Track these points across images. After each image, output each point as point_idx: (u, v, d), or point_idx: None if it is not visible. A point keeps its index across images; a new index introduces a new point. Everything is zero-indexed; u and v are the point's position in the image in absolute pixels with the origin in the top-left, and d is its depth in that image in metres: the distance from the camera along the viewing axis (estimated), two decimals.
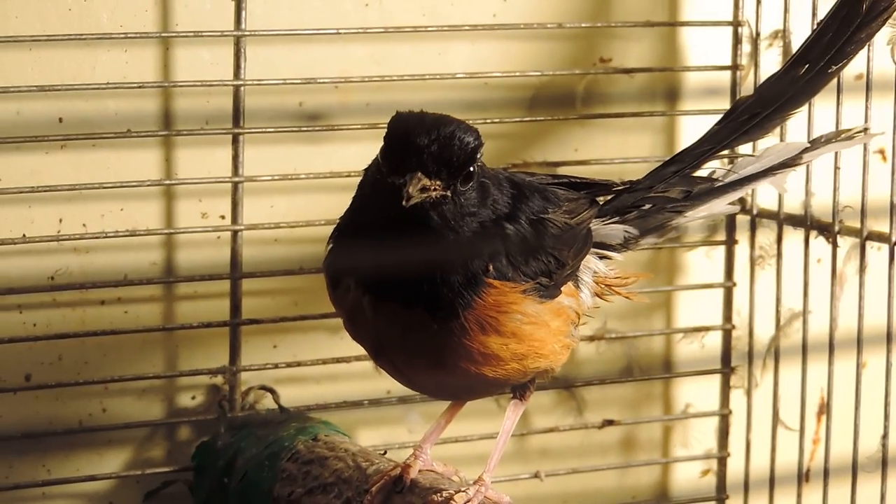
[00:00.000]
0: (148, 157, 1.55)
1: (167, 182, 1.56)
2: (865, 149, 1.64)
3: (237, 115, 1.54)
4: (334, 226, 1.31)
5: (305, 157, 1.59)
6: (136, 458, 1.54)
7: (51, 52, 1.53)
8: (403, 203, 1.19)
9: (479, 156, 1.22)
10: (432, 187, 1.19)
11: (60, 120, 1.49)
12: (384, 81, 1.59)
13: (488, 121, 1.61)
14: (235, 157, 1.55)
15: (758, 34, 1.67)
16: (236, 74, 1.51)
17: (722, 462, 1.77)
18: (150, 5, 1.59)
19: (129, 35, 1.53)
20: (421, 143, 1.20)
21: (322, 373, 1.59)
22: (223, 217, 1.54)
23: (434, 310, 1.21)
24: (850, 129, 1.50)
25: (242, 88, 1.50)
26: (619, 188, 1.39)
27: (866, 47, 1.44)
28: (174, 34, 1.56)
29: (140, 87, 1.57)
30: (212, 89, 1.54)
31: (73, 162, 1.52)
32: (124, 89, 1.53)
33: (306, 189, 1.52)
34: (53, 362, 1.51)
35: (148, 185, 1.52)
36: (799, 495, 1.67)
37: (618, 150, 1.70)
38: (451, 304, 1.20)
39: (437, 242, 1.21)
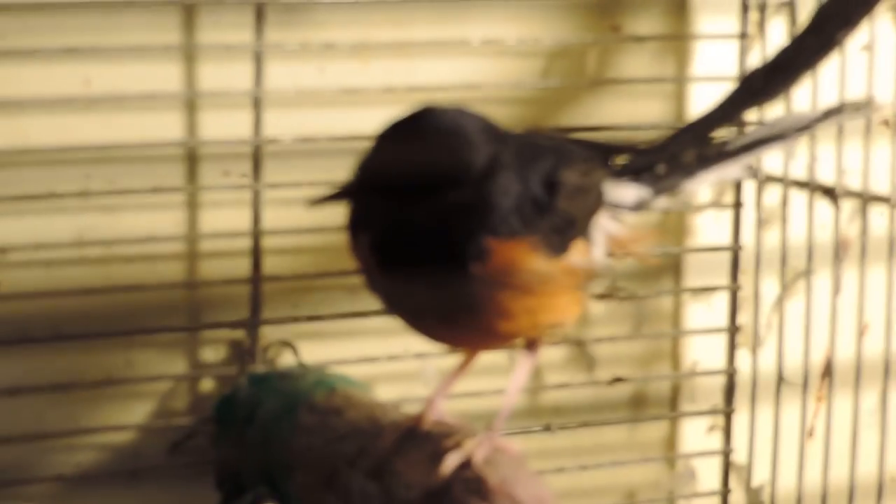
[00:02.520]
0: (172, 118, 1.50)
1: (190, 142, 1.54)
2: (869, 119, 1.60)
3: (258, 78, 1.52)
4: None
5: (325, 120, 1.55)
6: (161, 410, 1.52)
7: (77, 16, 1.47)
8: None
9: (458, 126, 1.21)
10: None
11: (88, 81, 1.47)
12: (403, 47, 1.57)
13: (503, 86, 1.62)
14: (256, 119, 1.53)
15: (765, 4, 1.65)
16: (257, 35, 1.49)
17: (727, 418, 1.74)
18: None
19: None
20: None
21: (340, 329, 1.56)
22: (244, 176, 1.54)
23: (442, 268, 1.21)
24: (856, 101, 1.50)
25: (262, 54, 1.50)
26: (635, 150, 1.39)
27: (870, 15, 1.40)
28: None
29: (159, 48, 1.52)
30: (233, 54, 1.52)
31: (98, 123, 1.49)
32: (150, 52, 1.51)
33: (326, 152, 1.50)
34: (80, 317, 1.48)
35: (172, 147, 1.53)
36: (802, 449, 1.67)
37: (628, 116, 1.66)
38: (460, 262, 1.20)
39: (440, 201, 1.20)
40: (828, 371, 1.70)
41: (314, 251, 1.54)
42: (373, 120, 1.24)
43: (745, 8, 1.64)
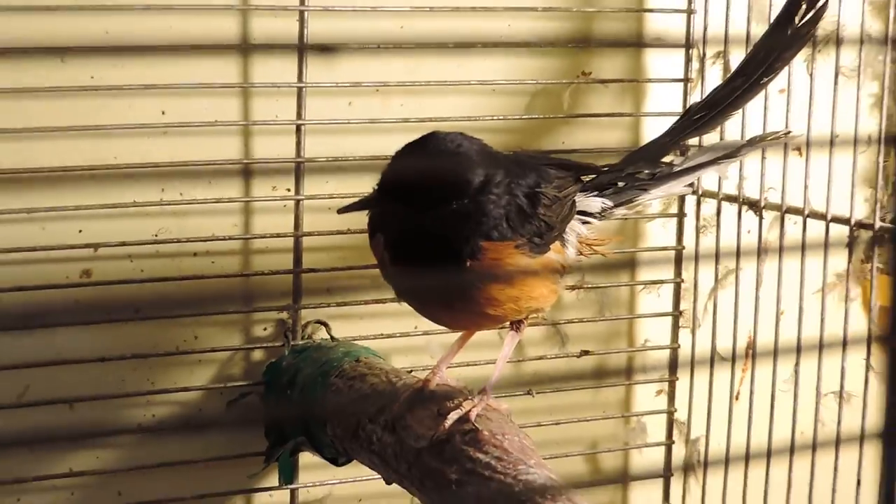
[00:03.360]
0: (230, 142, 1.51)
1: (245, 161, 1.53)
2: (786, 147, 1.61)
3: (300, 110, 1.50)
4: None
5: (353, 144, 1.55)
6: (220, 375, 1.54)
7: (154, 59, 1.46)
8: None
9: (460, 151, 1.23)
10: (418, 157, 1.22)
11: (163, 112, 1.47)
12: (415, 86, 1.58)
13: (495, 118, 1.62)
14: (298, 143, 1.51)
15: (704, 54, 1.64)
16: (300, 77, 1.48)
17: (671, 384, 1.77)
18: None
19: (211, 46, 1.49)
20: (393, 182, 1.22)
21: (364, 311, 1.57)
22: (289, 190, 1.52)
23: (442, 265, 1.22)
24: (776, 132, 1.50)
25: (304, 90, 1.48)
26: (599, 170, 1.38)
27: (788, 65, 1.42)
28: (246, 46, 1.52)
29: (222, 86, 1.51)
30: (280, 91, 1.50)
31: (171, 146, 1.49)
32: (213, 89, 1.50)
33: (354, 169, 1.48)
34: (157, 300, 1.51)
35: (230, 165, 1.52)
36: (730, 410, 1.66)
37: (595, 142, 1.66)
38: (459, 259, 1.20)
39: (447, 215, 1.21)
40: (751, 347, 1.70)
41: (343, 249, 1.53)
42: (391, 145, 1.24)
43: (688, 57, 1.64)
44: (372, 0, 1.56)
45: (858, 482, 1.62)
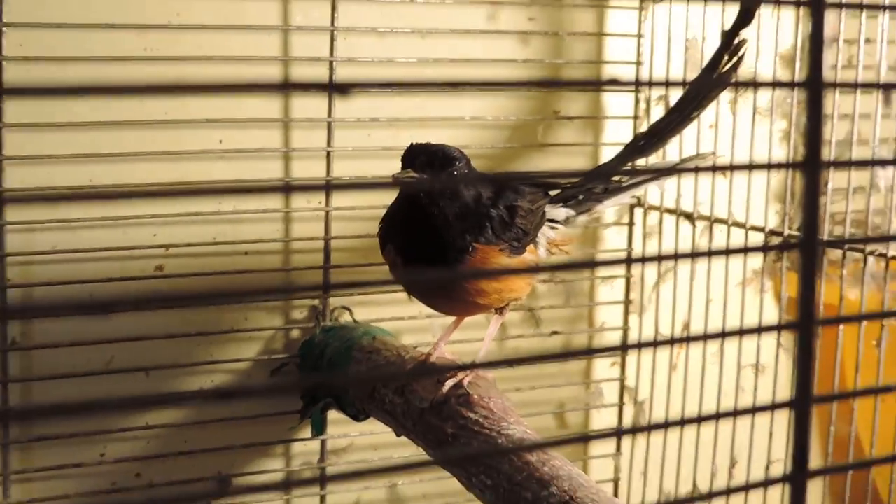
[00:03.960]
0: (274, 165, 1.55)
1: (286, 180, 1.53)
2: (714, 167, 1.68)
3: (329, 139, 1.53)
4: (385, 210, 1.35)
5: (372, 167, 1.58)
6: (265, 349, 1.56)
7: (213, 97, 1.49)
8: (392, 179, 1.26)
9: (457, 162, 1.25)
10: (413, 178, 1.22)
11: (220, 141, 1.50)
12: (422, 121, 1.60)
13: (484, 147, 1.63)
14: (328, 166, 1.53)
15: (649, 97, 1.68)
16: (329, 113, 1.51)
17: (623, 358, 1.80)
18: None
19: (259, 87, 1.47)
20: (414, 156, 1.23)
21: (380, 299, 1.59)
22: (320, 202, 1.54)
23: (443, 265, 1.24)
24: (704, 153, 1.54)
25: (332, 124, 1.50)
26: (564, 186, 1.40)
27: (715, 102, 1.45)
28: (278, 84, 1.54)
29: (267, 120, 1.51)
30: (314, 124, 1.53)
31: (227, 168, 1.53)
32: (260, 122, 1.51)
33: (372, 187, 1.54)
34: (216, 290, 1.31)
35: (274, 182, 1.53)
36: (669, 378, 1.70)
37: (563, 166, 1.69)
38: (454, 262, 1.23)
39: (436, 221, 1.23)
40: (686, 329, 1.73)
41: (363, 250, 1.53)
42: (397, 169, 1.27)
43: (636, 99, 1.67)
44: (386, 52, 1.59)
45: (770, 435, 1.66)
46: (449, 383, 1.27)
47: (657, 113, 1.66)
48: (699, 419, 0.59)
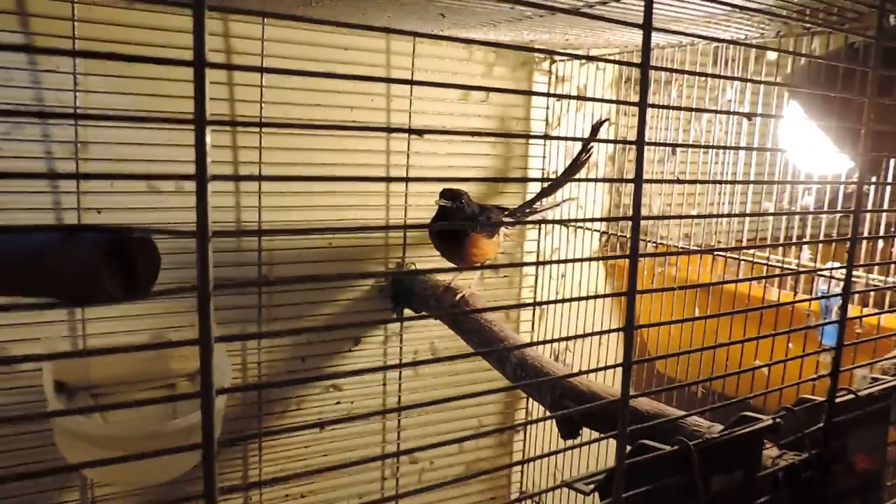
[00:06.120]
0: (379, 173, 1.50)
1: (386, 193, 1.53)
2: (575, 203, 1.71)
3: (407, 165, 1.54)
4: (431, 217, 1.39)
5: (427, 190, 1.55)
6: (377, 282, 1.61)
7: (348, 139, 1.50)
8: (440, 204, 1.33)
9: (464, 197, 1.35)
10: (447, 203, 1.32)
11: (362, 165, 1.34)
12: (419, 169, 1.56)
13: (478, 191, 1.65)
14: (406, 186, 1.57)
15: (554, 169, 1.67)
16: (408, 149, 1.49)
17: (534, 312, 1.80)
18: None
19: (371, 129, 1.51)
20: (445, 194, 1.33)
21: (429, 257, 1.59)
22: (402, 195, 1.55)
23: (457, 242, 1.36)
24: (572, 199, 1.66)
25: (409, 155, 1.32)
26: (511, 210, 1.47)
27: (578, 173, 1.50)
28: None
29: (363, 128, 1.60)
30: (400, 154, 1.52)
31: (349, 184, 1.47)
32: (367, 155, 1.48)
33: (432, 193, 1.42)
34: (350, 253, 1.57)
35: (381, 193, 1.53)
36: (554, 315, 1.64)
37: (510, 200, 1.71)
38: (462, 241, 1.35)
39: (456, 220, 1.34)
40: (558, 294, 1.79)
41: (422, 231, 1.58)
42: (440, 185, 1.38)
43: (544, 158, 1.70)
44: (446, 108, 1.58)
45: (608, 349, 1.71)
46: (459, 295, 1.46)
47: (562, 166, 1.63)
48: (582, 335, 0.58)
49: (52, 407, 1.12)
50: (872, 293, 1.28)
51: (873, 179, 1.24)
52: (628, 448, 0.63)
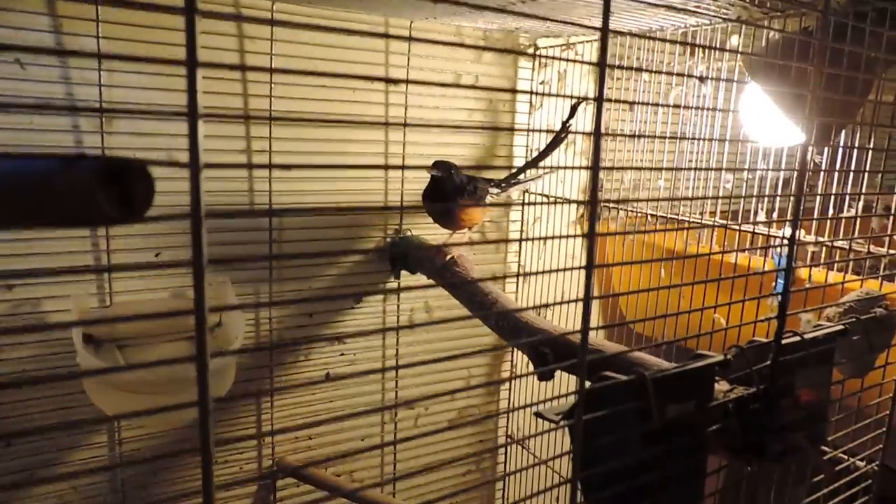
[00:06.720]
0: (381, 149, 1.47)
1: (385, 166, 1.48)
2: (556, 176, 1.70)
3: (403, 156, 1.53)
4: (425, 186, 1.36)
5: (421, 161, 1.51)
6: (377, 246, 1.57)
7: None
8: (432, 174, 1.32)
9: (453, 168, 1.34)
10: (438, 173, 1.31)
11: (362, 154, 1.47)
12: (414, 145, 1.53)
13: (467, 161, 1.62)
14: (403, 153, 1.52)
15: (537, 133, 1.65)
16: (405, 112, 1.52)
17: (517, 281, 1.77)
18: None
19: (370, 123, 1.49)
20: (437, 165, 1.31)
21: (423, 224, 1.60)
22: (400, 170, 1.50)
23: (447, 208, 1.34)
24: (551, 169, 1.60)
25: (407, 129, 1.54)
26: (496, 181, 1.43)
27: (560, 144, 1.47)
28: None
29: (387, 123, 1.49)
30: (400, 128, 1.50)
31: (360, 155, 1.47)
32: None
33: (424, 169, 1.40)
34: (355, 222, 1.54)
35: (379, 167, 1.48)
36: (540, 287, 1.80)
37: (495, 173, 1.59)
38: (452, 207, 1.34)
39: (444, 190, 1.33)
40: (541, 258, 1.78)
41: (417, 200, 1.53)
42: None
43: (528, 136, 1.69)
44: (439, 91, 1.53)
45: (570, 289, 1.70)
46: (450, 255, 1.43)
47: (543, 141, 1.62)
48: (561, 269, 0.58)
49: (80, 357, 1.13)
50: (821, 256, 1.29)
51: (823, 150, 1.28)
52: (591, 384, 0.63)
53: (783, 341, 0.76)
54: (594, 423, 0.58)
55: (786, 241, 0.74)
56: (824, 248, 1.22)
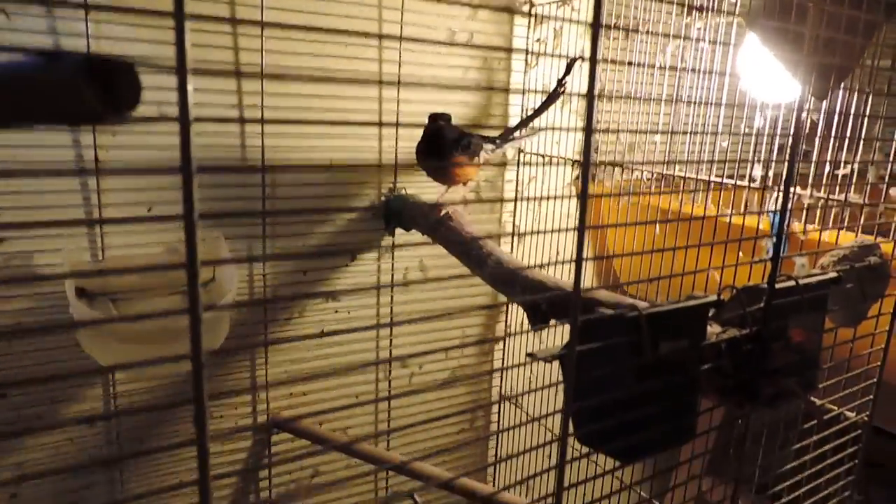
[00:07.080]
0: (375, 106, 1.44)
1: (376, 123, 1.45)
2: (551, 134, 1.67)
3: (398, 100, 1.48)
4: (419, 139, 1.34)
5: (417, 119, 1.48)
6: (371, 204, 1.54)
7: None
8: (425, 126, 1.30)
9: (449, 120, 1.32)
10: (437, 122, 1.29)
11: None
12: (409, 103, 1.50)
13: (462, 118, 1.60)
14: (396, 135, 1.51)
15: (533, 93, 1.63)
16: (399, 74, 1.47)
17: (513, 241, 1.72)
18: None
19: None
20: (432, 117, 1.30)
21: (422, 181, 1.58)
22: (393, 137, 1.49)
23: (442, 161, 1.32)
24: (546, 129, 1.60)
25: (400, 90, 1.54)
26: (490, 138, 1.42)
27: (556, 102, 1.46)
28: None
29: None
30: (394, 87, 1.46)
31: (357, 111, 1.44)
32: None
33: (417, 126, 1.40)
34: (348, 180, 1.50)
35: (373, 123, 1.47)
36: (532, 249, 1.73)
37: (490, 130, 1.63)
38: (447, 161, 1.31)
39: (443, 141, 1.31)
40: (535, 221, 1.74)
41: (411, 156, 1.50)
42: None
43: (524, 95, 1.64)
44: (433, 48, 1.49)
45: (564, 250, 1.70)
46: (444, 210, 1.39)
47: (536, 102, 1.60)
48: (558, 230, 0.58)
49: (74, 308, 1.11)
50: (817, 212, 1.28)
51: (822, 106, 1.24)
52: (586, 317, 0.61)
53: (777, 285, 0.74)
54: (587, 357, 0.58)
55: (780, 190, 0.72)
56: (820, 203, 1.22)
